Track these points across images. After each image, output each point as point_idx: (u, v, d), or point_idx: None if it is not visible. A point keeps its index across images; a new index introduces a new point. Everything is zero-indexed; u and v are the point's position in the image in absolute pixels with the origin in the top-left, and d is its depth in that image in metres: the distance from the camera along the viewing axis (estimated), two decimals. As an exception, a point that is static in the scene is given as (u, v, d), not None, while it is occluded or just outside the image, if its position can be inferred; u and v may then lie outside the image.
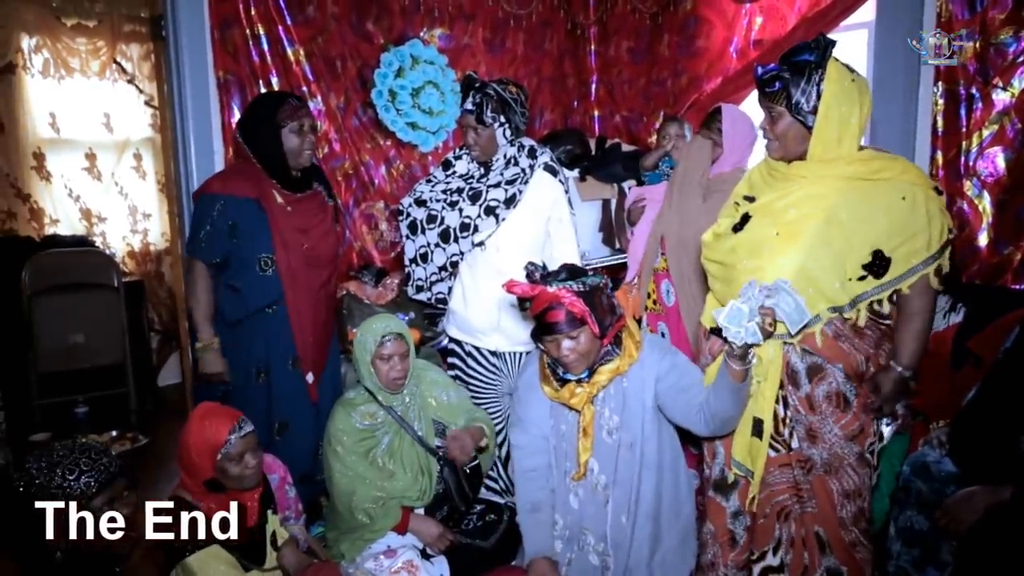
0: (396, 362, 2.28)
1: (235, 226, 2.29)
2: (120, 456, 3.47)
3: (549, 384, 2.06)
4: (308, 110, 2.37)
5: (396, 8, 3.35)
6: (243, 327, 2.35)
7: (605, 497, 2.02)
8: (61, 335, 3.96)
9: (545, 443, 2.13)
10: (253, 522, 1.99)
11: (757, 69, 1.81)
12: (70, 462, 1.60)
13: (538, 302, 1.92)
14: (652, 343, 2.08)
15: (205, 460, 1.91)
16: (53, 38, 4.61)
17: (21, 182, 4.57)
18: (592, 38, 4.18)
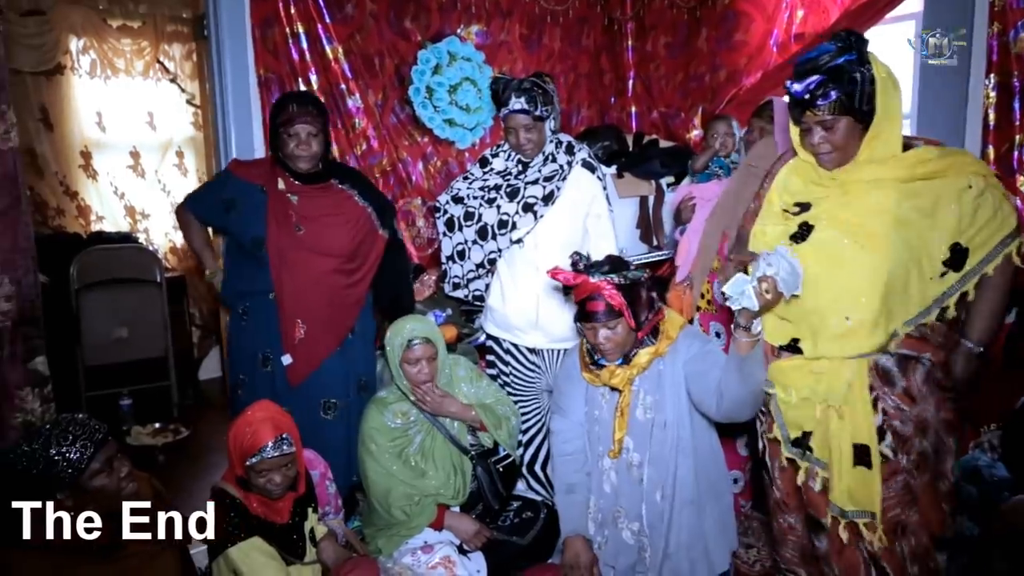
0: (424, 365, 2.29)
1: (233, 202, 2.42)
2: (163, 448, 3.61)
3: (588, 370, 2.10)
4: (309, 117, 2.35)
5: (434, 5, 3.36)
6: (250, 315, 2.44)
7: (639, 476, 2.06)
8: (106, 329, 4.05)
9: (581, 428, 2.19)
10: (284, 520, 2.01)
11: (794, 87, 1.69)
12: (59, 433, 1.65)
13: (580, 291, 1.98)
14: (689, 332, 2.12)
15: (237, 459, 1.94)
16: (99, 39, 4.72)
17: (69, 180, 4.69)
18: (629, 33, 4.14)
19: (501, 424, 2.41)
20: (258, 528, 1.94)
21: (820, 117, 1.67)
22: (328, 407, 2.50)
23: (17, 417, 2.41)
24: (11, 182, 2.36)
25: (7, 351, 2.38)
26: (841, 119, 1.67)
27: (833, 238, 1.74)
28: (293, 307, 2.41)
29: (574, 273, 1.98)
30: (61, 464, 1.61)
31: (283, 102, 2.42)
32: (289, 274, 2.38)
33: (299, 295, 2.40)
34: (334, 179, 2.51)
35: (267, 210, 2.38)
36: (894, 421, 1.75)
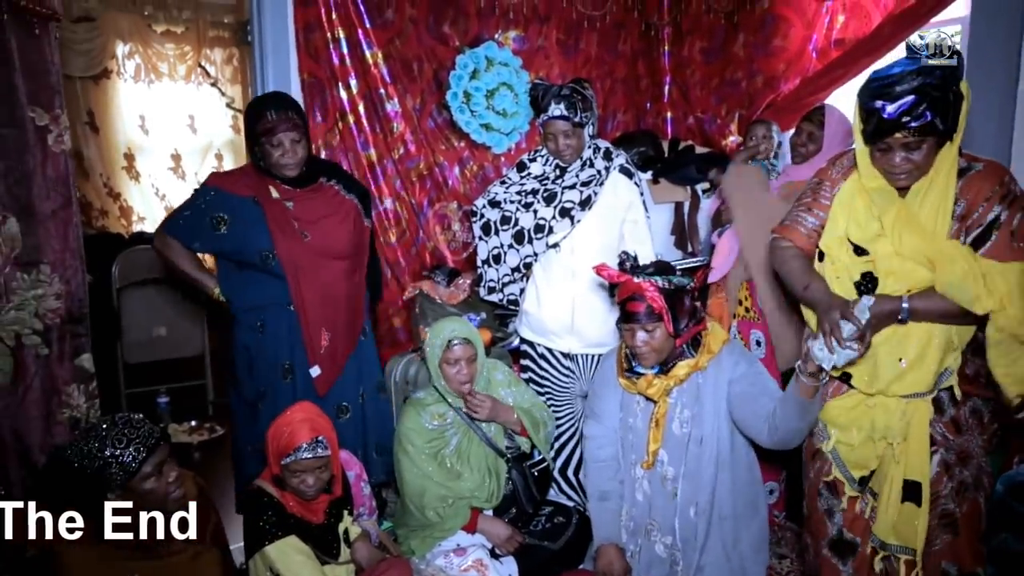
0: (463, 366, 2.30)
1: (223, 220, 2.28)
2: (198, 446, 3.67)
3: (624, 377, 2.08)
4: (290, 123, 2.26)
5: (472, 11, 3.37)
6: (266, 327, 2.34)
7: (673, 490, 2.03)
8: (146, 327, 4.15)
9: (615, 435, 2.17)
10: (320, 520, 2.03)
11: (887, 108, 1.59)
12: (116, 435, 1.66)
13: (623, 290, 1.97)
14: (733, 347, 2.07)
15: (273, 458, 1.96)
16: (145, 44, 4.85)
17: (113, 182, 4.82)
18: (666, 38, 4.11)
19: (539, 429, 2.41)
20: (294, 527, 1.97)
21: (907, 139, 1.60)
22: (341, 410, 2.47)
23: (64, 412, 2.46)
24: (63, 184, 2.42)
25: (56, 348, 2.44)
26: (927, 139, 1.61)
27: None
28: (317, 316, 2.35)
29: (619, 272, 1.98)
30: (114, 466, 1.64)
31: (259, 109, 2.28)
32: (308, 284, 2.32)
33: (320, 303, 2.35)
34: (321, 176, 2.44)
35: (267, 221, 2.29)
36: (940, 449, 1.75)
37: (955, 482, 1.75)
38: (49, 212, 2.40)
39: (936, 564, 1.78)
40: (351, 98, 3.09)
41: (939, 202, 1.67)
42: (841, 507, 1.90)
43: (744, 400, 1.95)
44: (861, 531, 1.86)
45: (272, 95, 2.50)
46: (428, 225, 3.36)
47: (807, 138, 2.73)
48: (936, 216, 1.67)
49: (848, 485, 1.87)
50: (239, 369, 2.41)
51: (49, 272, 2.41)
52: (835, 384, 1.87)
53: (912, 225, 1.68)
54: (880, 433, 1.77)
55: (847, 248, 1.79)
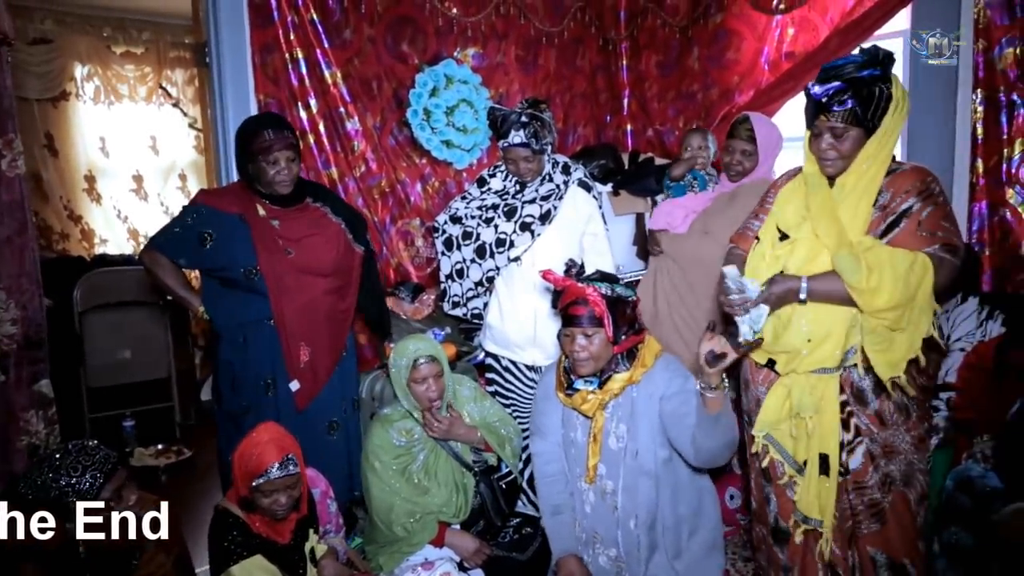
0: (431, 383, 2.31)
1: (210, 236, 2.30)
2: (165, 469, 3.63)
3: (562, 391, 2.11)
4: (285, 142, 2.31)
5: (430, 29, 3.41)
6: (249, 343, 2.36)
7: (613, 503, 2.06)
8: (110, 351, 4.09)
9: (560, 449, 2.19)
10: (286, 540, 2.03)
11: (814, 88, 1.74)
12: (71, 463, 1.67)
13: (567, 295, 2.00)
14: (668, 361, 2.10)
15: (242, 481, 1.96)
16: (104, 66, 4.82)
17: (73, 204, 4.77)
18: (623, 53, 4.19)
19: (505, 444, 2.43)
20: (260, 547, 1.97)
21: (832, 123, 1.74)
22: (332, 427, 2.50)
23: (22, 440, 2.44)
24: (18, 208, 2.41)
25: (13, 375, 2.42)
26: (852, 129, 1.73)
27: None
28: (296, 331, 2.38)
29: (564, 277, 2.01)
30: (71, 495, 1.64)
31: (255, 128, 2.32)
32: (288, 299, 2.35)
33: (300, 319, 2.38)
34: (308, 197, 2.48)
35: (253, 238, 2.32)
36: (864, 439, 1.83)
37: (880, 473, 1.82)
38: (4, 238, 2.39)
39: (863, 549, 1.86)
40: (311, 118, 3.11)
41: (862, 193, 1.77)
42: (773, 494, 1.96)
43: (673, 419, 1.98)
44: (791, 517, 1.92)
45: (266, 115, 2.60)
46: (392, 242, 3.38)
47: (741, 155, 2.69)
48: (857, 205, 1.77)
49: (788, 467, 1.92)
50: (222, 385, 2.43)
51: (5, 298, 2.39)
52: (764, 372, 1.96)
53: (831, 211, 1.79)
54: (796, 409, 1.85)
55: (774, 234, 1.91)
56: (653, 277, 2.94)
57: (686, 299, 2.79)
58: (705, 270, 2.69)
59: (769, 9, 3.43)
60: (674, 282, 2.83)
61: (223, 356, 2.40)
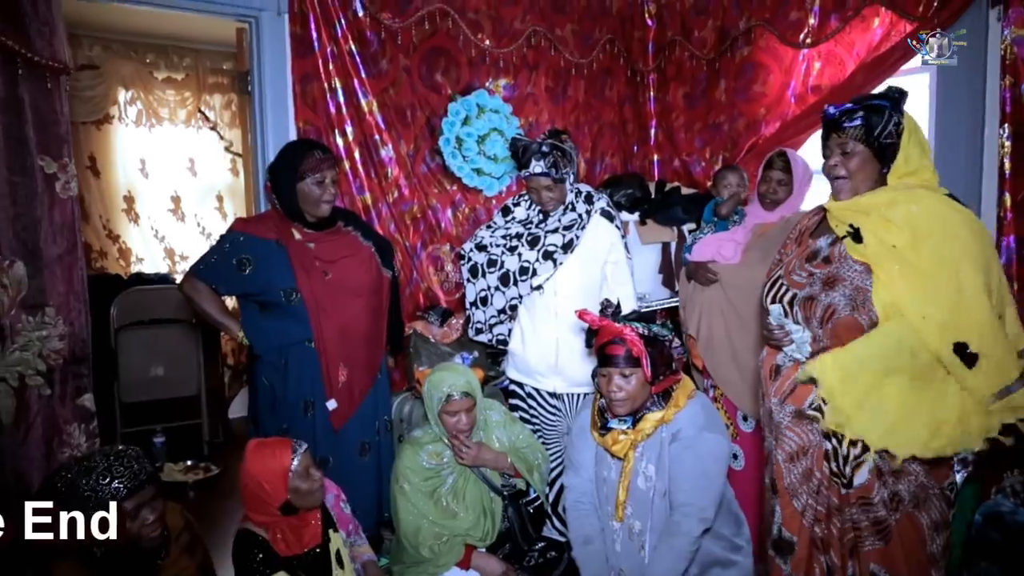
0: (462, 417, 2.36)
1: (248, 261, 2.36)
2: (193, 485, 3.69)
3: (596, 429, 2.12)
4: (332, 163, 2.42)
5: (463, 60, 3.51)
6: (289, 365, 2.40)
7: (640, 543, 2.05)
8: (143, 367, 4.17)
9: (592, 485, 2.19)
10: (317, 541, 2.09)
11: (829, 108, 1.86)
12: (104, 468, 1.70)
13: (603, 334, 2.01)
14: (701, 404, 2.10)
15: (278, 484, 1.99)
16: (146, 90, 4.97)
17: (112, 224, 4.90)
18: (651, 84, 4.27)
19: (533, 470, 2.47)
20: (283, 563, 2.02)
21: (841, 140, 1.83)
22: (364, 448, 2.54)
23: (64, 452, 2.52)
24: (69, 229, 2.51)
25: (58, 389, 2.50)
26: (859, 147, 1.81)
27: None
28: (335, 351, 2.42)
29: (600, 316, 2.03)
30: (93, 500, 1.68)
31: (306, 149, 2.41)
32: (327, 319, 2.40)
33: (339, 339, 2.42)
34: (339, 221, 2.55)
35: (291, 261, 2.38)
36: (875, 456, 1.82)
37: (887, 491, 1.82)
38: (55, 256, 2.48)
39: (865, 564, 1.85)
40: (347, 144, 3.20)
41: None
42: (778, 505, 1.96)
43: (674, 471, 2.00)
44: (797, 529, 1.91)
45: (311, 140, 2.71)
46: (422, 266, 3.45)
47: (777, 184, 2.78)
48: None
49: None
50: (261, 407, 2.47)
51: (54, 314, 2.48)
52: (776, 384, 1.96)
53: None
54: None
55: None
56: (700, 307, 2.94)
57: (748, 325, 2.80)
58: (735, 296, 2.74)
59: (796, 43, 3.48)
60: (735, 309, 2.83)
61: (263, 379, 2.44)
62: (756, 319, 2.71)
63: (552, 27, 3.80)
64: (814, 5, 3.37)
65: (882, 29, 3.17)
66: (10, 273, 2.39)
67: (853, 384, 1.75)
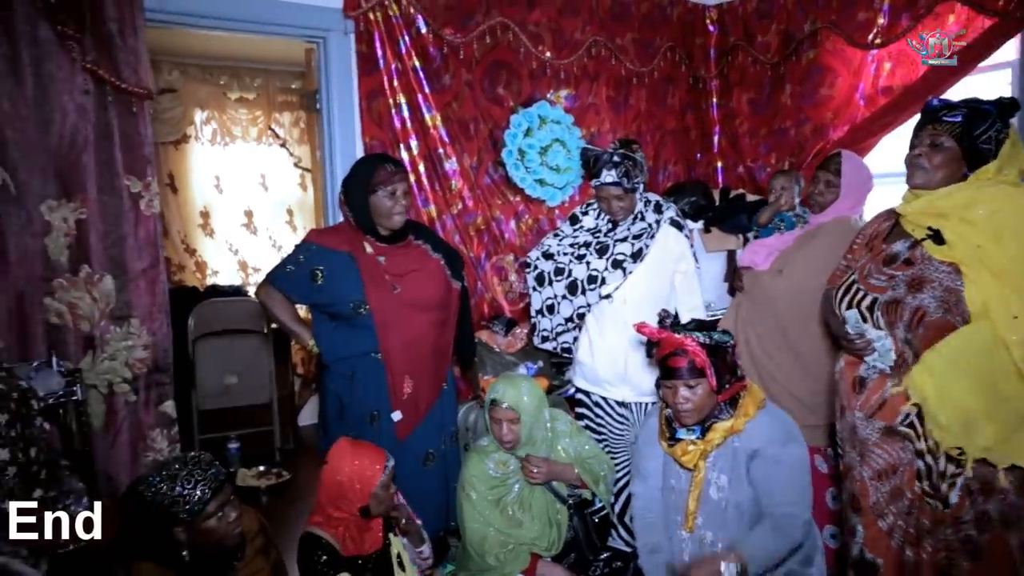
0: (504, 426, 2.38)
1: (321, 272, 2.41)
2: (266, 490, 3.81)
3: (664, 439, 2.10)
4: (403, 175, 2.46)
5: (525, 73, 3.55)
6: (356, 376, 2.45)
7: (711, 555, 2.00)
8: (218, 376, 4.34)
9: (660, 494, 2.17)
10: (378, 546, 2.15)
11: (931, 100, 1.85)
12: (186, 475, 1.78)
13: (664, 346, 1.99)
14: (774, 416, 2.06)
15: (365, 489, 2.08)
16: (220, 110, 5.20)
17: (189, 238, 5.12)
18: (714, 91, 4.23)
19: (599, 481, 2.46)
20: (347, 565, 2.08)
21: (935, 132, 1.80)
22: (428, 458, 2.57)
23: (148, 456, 2.64)
24: (152, 244, 2.65)
25: (142, 396, 2.63)
26: (950, 143, 1.78)
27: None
28: (401, 364, 2.46)
29: (660, 329, 2.02)
30: (181, 504, 1.76)
31: (377, 163, 2.46)
32: (394, 333, 2.44)
33: (405, 352, 2.46)
34: (410, 235, 2.59)
35: (361, 274, 2.42)
36: (963, 471, 1.77)
37: (976, 510, 1.76)
38: (140, 270, 2.62)
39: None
40: (412, 158, 3.26)
41: None
42: (860, 524, 1.90)
43: (759, 485, 1.97)
44: (883, 551, 1.85)
45: (383, 154, 2.80)
46: (486, 277, 3.49)
47: (824, 186, 2.76)
48: None
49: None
50: (329, 416, 2.52)
51: (138, 325, 2.62)
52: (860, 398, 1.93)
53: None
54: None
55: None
56: (735, 312, 2.95)
57: (762, 336, 2.79)
58: (775, 307, 2.70)
59: (864, 44, 3.39)
60: (751, 318, 2.84)
61: (331, 388, 2.50)
62: (798, 327, 2.68)
63: (612, 37, 3.80)
64: (883, 4, 3.29)
65: (958, 26, 3.06)
66: (99, 286, 2.54)
67: (951, 391, 1.70)
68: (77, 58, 2.43)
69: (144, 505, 1.78)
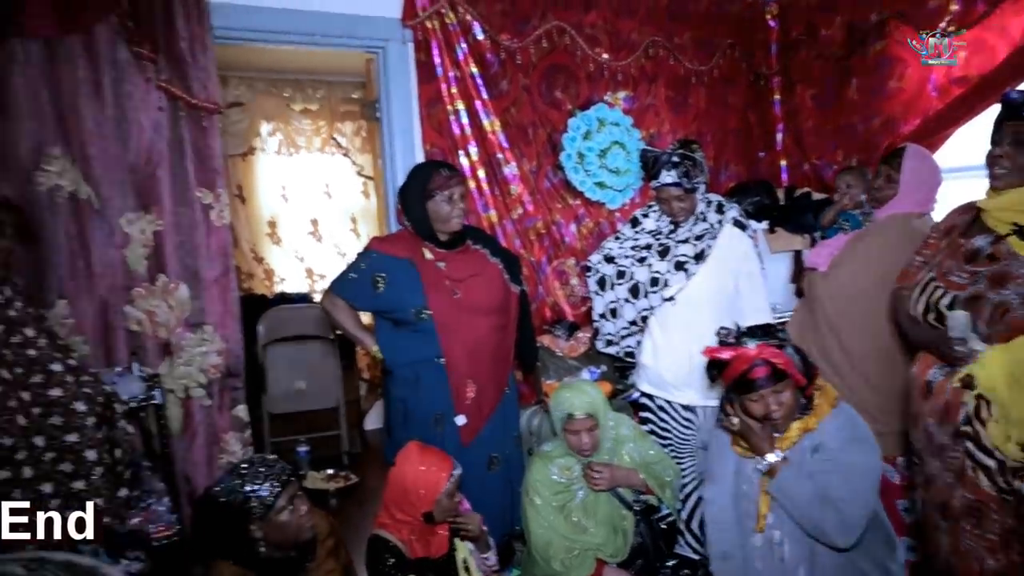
0: (583, 436, 2.37)
1: (382, 279, 2.43)
2: (334, 493, 3.88)
3: (738, 444, 2.06)
4: (459, 179, 2.46)
5: (582, 75, 3.54)
6: (421, 381, 2.46)
7: (780, 553, 1.99)
8: (287, 381, 4.44)
9: (733, 498, 2.13)
10: (444, 550, 2.17)
11: (1011, 93, 1.78)
12: (254, 473, 1.85)
13: (738, 363, 1.93)
14: (845, 414, 2.00)
15: (429, 496, 2.10)
16: (285, 122, 5.35)
17: (257, 247, 5.28)
18: (776, 87, 4.14)
19: (665, 486, 2.43)
20: (415, 567, 2.11)
21: (1018, 128, 1.73)
22: (492, 462, 2.57)
23: (222, 458, 2.74)
24: (223, 253, 2.75)
25: (216, 400, 2.73)
26: None
27: None
28: (463, 369, 2.46)
29: (727, 347, 1.97)
30: (254, 500, 1.82)
31: (430, 170, 2.47)
32: (456, 338, 2.45)
33: (467, 357, 2.47)
34: (469, 240, 2.60)
35: (422, 280, 2.44)
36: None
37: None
38: (212, 279, 2.72)
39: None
40: (471, 164, 3.29)
41: None
42: (946, 535, 1.83)
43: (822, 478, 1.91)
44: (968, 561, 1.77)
45: (437, 161, 2.83)
46: (547, 281, 3.49)
47: (884, 181, 2.66)
48: None
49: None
50: (394, 421, 2.56)
51: (212, 331, 2.72)
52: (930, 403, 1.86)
53: None
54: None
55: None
56: (797, 316, 2.88)
57: (816, 340, 2.71)
58: (824, 310, 2.63)
59: (935, 33, 3.26)
60: (806, 322, 2.76)
61: (395, 393, 2.53)
62: (850, 330, 2.59)
63: (670, 36, 3.77)
64: (957, -11, 3.16)
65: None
66: (175, 295, 2.65)
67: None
68: (152, 77, 2.54)
69: (219, 507, 1.85)
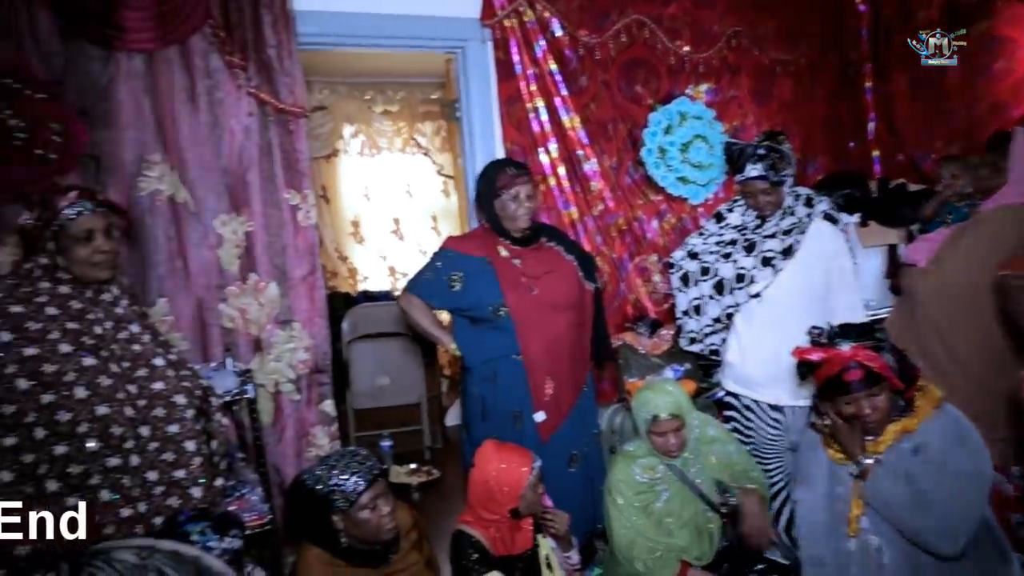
0: (670, 437, 2.33)
1: (458, 277, 2.45)
2: (417, 487, 3.96)
3: (830, 446, 2.00)
4: (525, 178, 2.46)
5: (662, 69, 3.48)
6: (499, 378, 2.47)
7: (879, 560, 1.91)
8: (371, 377, 4.55)
9: (826, 500, 2.06)
10: (528, 546, 2.19)
11: None
12: (343, 466, 1.89)
13: (832, 365, 1.88)
14: (950, 416, 1.90)
15: (514, 492, 2.12)
16: (366, 124, 5.47)
17: (341, 246, 5.43)
18: (867, 75, 3.96)
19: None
20: (497, 563, 2.12)
21: None
22: (572, 459, 2.56)
23: (311, 451, 2.83)
24: (310, 253, 2.83)
25: (304, 395, 2.82)
26: None
27: None
28: (541, 365, 2.46)
29: (819, 347, 1.91)
30: (337, 492, 1.87)
31: (497, 169, 2.50)
32: (534, 334, 2.45)
33: (545, 353, 2.47)
34: (543, 238, 2.60)
35: (498, 277, 2.45)
36: None
37: None
38: (300, 277, 2.81)
39: None
40: (551, 161, 3.28)
41: None
42: None
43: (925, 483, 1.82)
44: None
45: (505, 159, 2.83)
46: (629, 278, 3.45)
47: (990, 170, 2.51)
48: None
49: None
50: (472, 417, 2.58)
51: (300, 328, 2.80)
52: None
53: None
54: None
55: None
56: (896, 314, 2.75)
57: (917, 339, 2.57)
58: (926, 308, 2.48)
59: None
60: (905, 321, 2.63)
61: (474, 390, 2.55)
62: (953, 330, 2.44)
63: (753, 26, 3.65)
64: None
65: None
66: (265, 293, 2.74)
67: None
68: (243, 84, 2.65)
69: (306, 493, 1.91)
